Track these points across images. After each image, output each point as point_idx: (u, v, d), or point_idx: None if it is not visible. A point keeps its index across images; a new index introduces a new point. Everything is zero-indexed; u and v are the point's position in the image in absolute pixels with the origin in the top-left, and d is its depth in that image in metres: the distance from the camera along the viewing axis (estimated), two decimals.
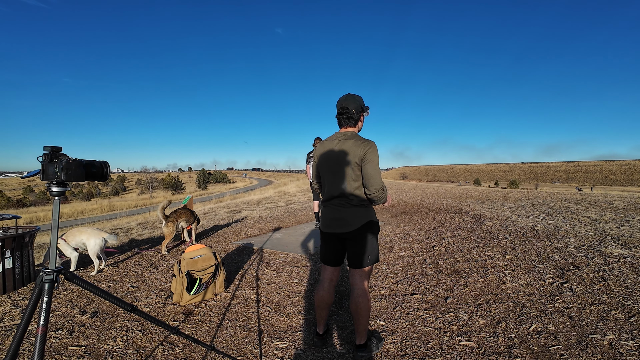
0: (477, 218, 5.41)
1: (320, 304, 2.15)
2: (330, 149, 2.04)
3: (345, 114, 2.03)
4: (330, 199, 2.07)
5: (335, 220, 2.05)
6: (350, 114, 2.02)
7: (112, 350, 2.15)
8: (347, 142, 1.99)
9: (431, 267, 3.43)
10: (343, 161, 1.98)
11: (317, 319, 2.23)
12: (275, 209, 9.81)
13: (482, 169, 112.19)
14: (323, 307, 2.16)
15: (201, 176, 61.70)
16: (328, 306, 2.16)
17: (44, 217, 21.15)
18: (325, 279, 2.15)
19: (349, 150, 1.96)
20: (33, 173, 1.20)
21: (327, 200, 2.10)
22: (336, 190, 2.03)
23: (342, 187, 2.00)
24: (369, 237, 2.02)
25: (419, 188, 16.12)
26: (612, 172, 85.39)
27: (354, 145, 1.96)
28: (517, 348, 1.98)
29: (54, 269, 1.13)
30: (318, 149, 2.14)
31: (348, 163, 1.97)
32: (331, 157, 2.03)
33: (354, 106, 2.02)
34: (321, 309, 2.17)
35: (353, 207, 2.01)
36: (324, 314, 2.18)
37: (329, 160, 2.05)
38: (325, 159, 2.07)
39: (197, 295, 2.83)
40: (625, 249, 3.32)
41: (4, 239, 3.00)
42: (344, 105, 2.03)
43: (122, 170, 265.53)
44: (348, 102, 2.02)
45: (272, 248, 4.77)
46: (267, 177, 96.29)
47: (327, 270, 2.16)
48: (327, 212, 2.11)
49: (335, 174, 2.02)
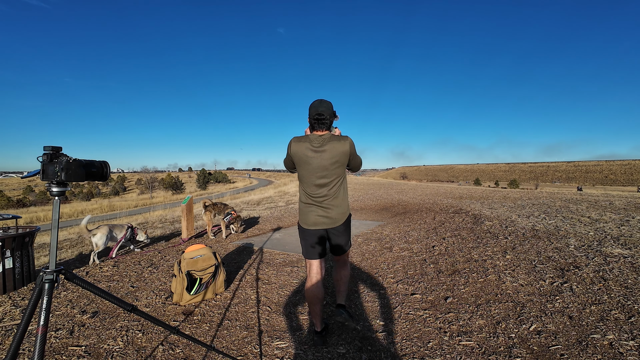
0: (477, 218, 5.41)
1: (312, 299, 2.19)
2: (314, 153, 2.11)
3: (321, 120, 2.14)
4: (316, 197, 2.16)
5: (323, 217, 2.16)
6: (326, 119, 2.14)
7: (112, 350, 2.15)
8: (329, 145, 2.10)
9: (431, 267, 3.43)
10: (330, 163, 2.10)
11: (312, 317, 2.27)
12: (275, 209, 9.81)
13: (482, 169, 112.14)
14: (316, 302, 2.19)
15: (201, 176, 61.68)
16: (321, 301, 2.20)
17: (44, 217, 21.15)
18: (314, 274, 2.21)
19: (335, 150, 2.09)
20: (33, 173, 1.20)
21: (313, 198, 2.17)
22: (323, 190, 2.14)
23: (329, 187, 2.14)
24: (348, 229, 2.26)
25: (419, 188, 16.12)
26: (612, 172, 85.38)
27: (336, 145, 2.10)
28: (517, 348, 1.98)
29: (53, 269, 1.13)
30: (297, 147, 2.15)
31: (336, 163, 2.11)
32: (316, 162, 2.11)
33: (328, 113, 2.15)
34: (314, 305, 2.20)
35: (338, 206, 2.17)
36: (318, 309, 2.21)
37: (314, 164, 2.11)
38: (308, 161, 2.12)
39: (197, 295, 2.83)
40: (625, 249, 3.32)
41: (4, 239, 3.00)
42: (320, 112, 2.13)
43: (122, 170, 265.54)
44: (323, 109, 2.13)
45: (272, 248, 4.77)
46: (267, 177, 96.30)
47: (315, 265, 2.22)
48: (313, 210, 2.18)
49: (322, 176, 2.12)
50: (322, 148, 2.10)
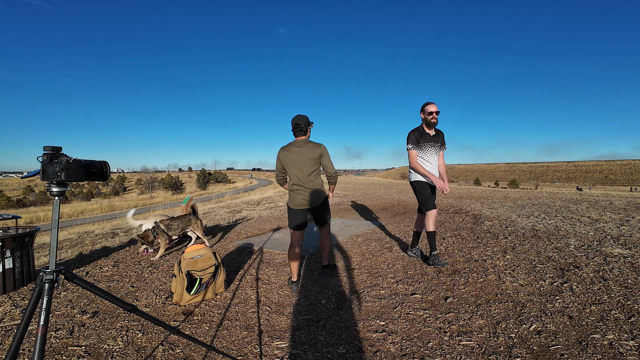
0: (477, 218, 5.41)
1: (294, 259, 3.09)
2: (295, 151, 2.95)
3: (298, 128, 2.98)
4: (299, 185, 2.99)
5: (305, 199, 2.98)
6: (301, 127, 2.97)
7: (112, 350, 2.15)
8: (306, 146, 2.95)
9: (431, 267, 3.43)
10: (307, 159, 2.93)
11: (291, 270, 3.13)
12: (275, 209, 9.81)
13: (482, 169, 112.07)
14: (295, 260, 3.10)
15: (201, 176, 61.67)
16: (299, 260, 3.16)
17: (44, 217, 21.14)
18: (296, 241, 3.10)
19: (310, 151, 2.94)
20: (33, 173, 1.20)
21: (297, 186, 3.00)
22: (303, 179, 2.96)
23: (307, 177, 2.96)
24: (327, 207, 3.15)
25: None
26: (612, 172, 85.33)
27: (312, 147, 2.96)
28: (517, 348, 1.97)
29: (53, 269, 1.12)
30: (284, 152, 2.98)
31: (311, 159, 2.94)
32: (297, 157, 2.94)
33: (303, 122, 2.97)
34: (294, 262, 3.10)
35: (316, 190, 3.00)
36: (297, 266, 3.13)
37: (296, 159, 2.94)
38: (292, 158, 2.96)
39: (197, 295, 2.83)
40: (625, 248, 3.32)
41: (4, 239, 3.00)
42: (297, 122, 2.97)
43: (122, 170, 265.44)
44: (299, 120, 2.97)
45: (272, 248, 4.77)
46: (267, 177, 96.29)
47: (297, 235, 3.09)
48: (297, 195, 3.01)
49: (302, 169, 2.95)
50: (300, 149, 2.94)
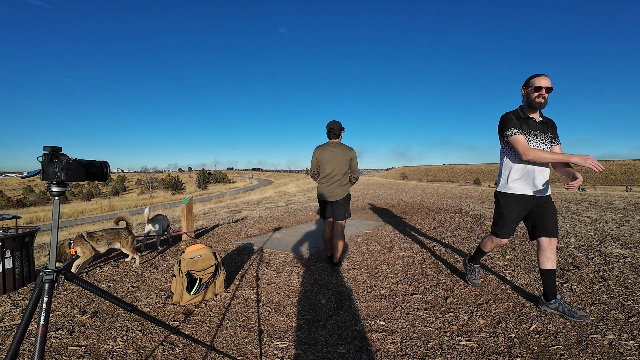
0: (477, 218, 5.41)
1: (327, 239, 3.82)
2: (331, 151, 3.55)
3: (332, 132, 3.59)
4: (329, 180, 3.57)
5: (331, 193, 3.57)
6: (335, 132, 3.58)
7: (112, 350, 2.15)
8: (340, 147, 3.56)
9: (431, 267, 3.43)
10: (340, 159, 3.54)
11: (327, 250, 3.92)
12: (275, 209, 9.81)
13: (482, 169, 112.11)
14: (328, 241, 3.82)
15: (201, 176, 61.66)
16: (330, 241, 3.80)
17: (44, 217, 21.15)
18: (327, 226, 3.79)
19: (343, 152, 3.54)
20: (33, 173, 1.20)
21: (327, 180, 3.58)
22: (335, 176, 3.55)
23: (339, 174, 3.55)
24: (347, 204, 3.66)
25: (419, 188, 16.12)
26: (612, 172, 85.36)
27: (345, 149, 3.57)
28: (517, 348, 1.98)
29: (54, 269, 1.12)
30: (320, 150, 3.58)
31: (343, 160, 3.55)
32: (332, 156, 3.54)
33: (337, 127, 3.57)
34: (327, 243, 3.84)
35: (342, 186, 3.59)
36: (330, 245, 3.83)
37: (331, 158, 3.53)
38: (327, 157, 3.55)
39: (197, 295, 2.83)
40: (625, 248, 3.32)
41: (4, 239, 3.00)
42: (332, 127, 3.57)
43: (122, 170, 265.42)
44: (333, 125, 3.57)
45: (272, 248, 4.77)
46: (267, 177, 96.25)
47: (328, 222, 3.76)
48: (326, 188, 3.59)
49: (334, 166, 3.53)
50: (335, 150, 3.54)
